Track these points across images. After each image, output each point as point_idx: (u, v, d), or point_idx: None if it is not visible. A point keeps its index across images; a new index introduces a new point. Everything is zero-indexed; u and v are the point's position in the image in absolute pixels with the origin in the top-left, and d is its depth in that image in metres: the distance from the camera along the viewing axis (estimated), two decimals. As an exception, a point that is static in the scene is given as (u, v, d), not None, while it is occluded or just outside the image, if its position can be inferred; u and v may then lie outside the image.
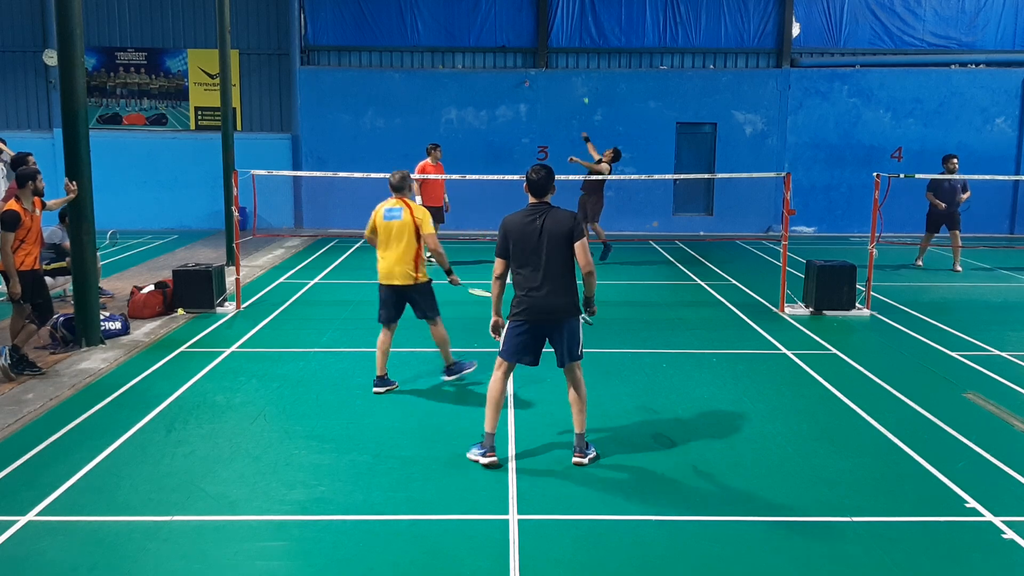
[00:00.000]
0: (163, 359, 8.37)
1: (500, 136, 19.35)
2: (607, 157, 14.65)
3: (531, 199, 5.85)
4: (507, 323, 5.83)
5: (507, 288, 5.94)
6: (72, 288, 9.31)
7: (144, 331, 9.49)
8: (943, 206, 13.68)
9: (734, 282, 12.84)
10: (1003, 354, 8.66)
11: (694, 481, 5.55)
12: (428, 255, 7.55)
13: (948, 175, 13.45)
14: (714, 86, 19.33)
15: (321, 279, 13.10)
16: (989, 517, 5.02)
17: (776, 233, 17.97)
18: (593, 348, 6.36)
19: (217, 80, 18.39)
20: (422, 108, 19.25)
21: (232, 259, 13.03)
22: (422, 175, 13.42)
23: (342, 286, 12.59)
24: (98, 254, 9.81)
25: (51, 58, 18.75)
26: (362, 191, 15.52)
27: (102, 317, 9.08)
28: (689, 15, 19.44)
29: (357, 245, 16.82)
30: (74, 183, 8.53)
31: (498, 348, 5.88)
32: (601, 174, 14.18)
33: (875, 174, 10.79)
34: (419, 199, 13.71)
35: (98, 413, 6.81)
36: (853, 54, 19.66)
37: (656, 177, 15.19)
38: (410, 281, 7.12)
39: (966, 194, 13.87)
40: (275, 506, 5.14)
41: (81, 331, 8.75)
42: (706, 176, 16.32)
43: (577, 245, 5.64)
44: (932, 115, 19.31)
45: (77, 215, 8.75)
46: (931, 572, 4.45)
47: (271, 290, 12.08)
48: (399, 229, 7.05)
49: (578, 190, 14.73)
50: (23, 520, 4.93)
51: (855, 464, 5.85)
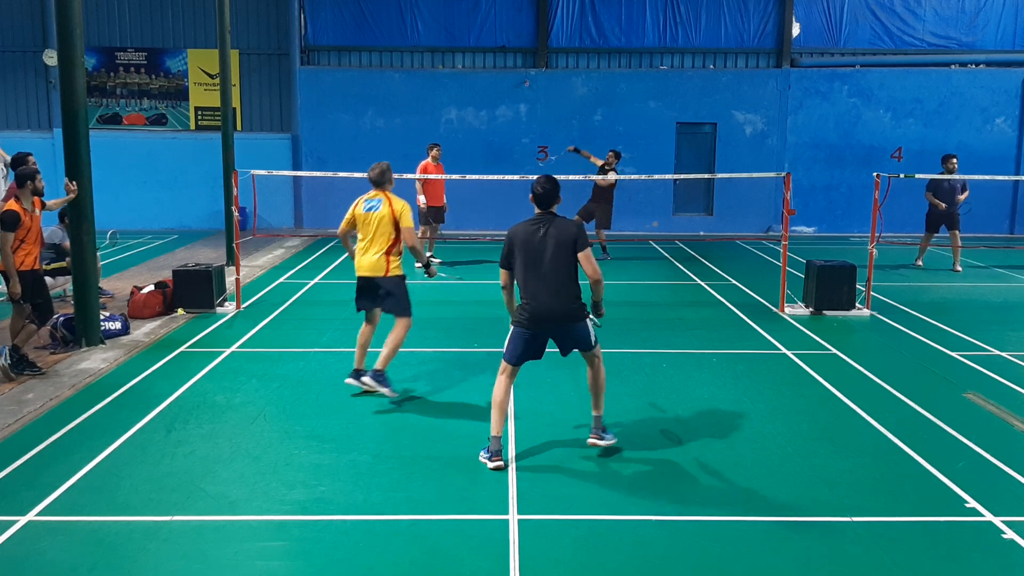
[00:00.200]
0: (163, 359, 8.37)
1: (500, 136, 19.35)
2: (611, 162, 14.72)
3: (537, 210, 5.90)
4: (511, 328, 5.86)
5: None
6: (72, 288, 9.31)
7: (144, 331, 9.49)
8: (943, 206, 13.69)
9: (734, 282, 12.84)
10: (1003, 354, 8.66)
11: (694, 481, 5.55)
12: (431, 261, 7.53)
13: (947, 175, 13.46)
14: (714, 86, 19.33)
15: (321, 279, 13.10)
16: (989, 517, 5.02)
17: (776, 233, 17.97)
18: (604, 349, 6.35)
19: (217, 80, 18.39)
20: (422, 108, 19.25)
21: (232, 259, 13.03)
22: (423, 175, 13.41)
23: (342, 286, 12.56)
24: (98, 254, 9.81)
25: (51, 58, 18.75)
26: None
27: (102, 317, 9.08)
28: (689, 15, 19.44)
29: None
30: (74, 183, 8.53)
31: (498, 349, 5.88)
32: (608, 182, 14.32)
33: (875, 174, 10.79)
34: (422, 198, 13.71)
35: (98, 413, 6.81)
36: (853, 54, 19.66)
37: (656, 177, 15.19)
38: (380, 272, 7.02)
39: (965, 194, 13.88)
40: (275, 506, 5.14)
41: (81, 331, 8.75)
42: (706, 176, 16.32)
43: (581, 255, 5.69)
44: (932, 115, 19.31)
45: (77, 215, 8.75)
46: (931, 572, 4.45)
47: (271, 290, 12.08)
48: (377, 220, 6.97)
49: (579, 191, 14.76)
50: (23, 520, 4.93)
51: (855, 464, 5.85)
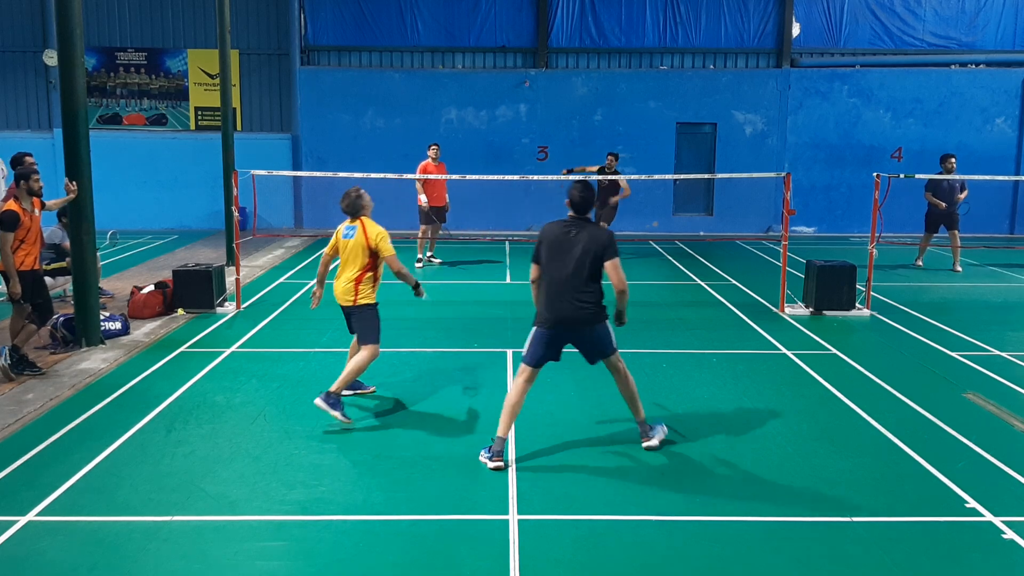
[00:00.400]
0: (163, 359, 8.37)
1: (500, 136, 19.35)
2: (610, 164, 14.77)
3: (571, 213, 5.92)
4: (533, 329, 5.89)
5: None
6: (72, 288, 9.31)
7: (144, 331, 9.49)
8: (943, 205, 13.69)
9: (734, 282, 12.84)
10: (1003, 354, 8.66)
11: (694, 481, 5.55)
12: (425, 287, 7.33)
13: (946, 175, 13.46)
14: (714, 86, 19.33)
15: (321, 279, 13.08)
16: (989, 517, 5.03)
17: (776, 233, 17.97)
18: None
19: (217, 80, 18.40)
20: (422, 108, 19.25)
21: (232, 259, 13.03)
22: (423, 175, 13.41)
23: (342, 286, 12.57)
24: (98, 254, 9.81)
25: (51, 58, 18.75)
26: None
27: (102, 317, 9.08)
28: (689, 15, 19.44)
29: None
30: (74, 183, 8.52)
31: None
32: (622, 190, 14.52)
33: (875, 174, 10.79)
34: (423, 198, 13.71)
35: (98, 413, 6.81)
36: (853, 54, 19.66)
37: (656, 177, 15.18)
38: (349, 301, 6.69)
39: (963, 193, 13.87)
40: (275, 506, 5.14)
41: (81, 331, 8.75)
42: (706, 176, 16.31)
43: (608, 264, 5.74)
44: (932, 115, 19.31)
45: (77, 215, 8.75)
46: (931, 572, 4.45)
47: (271, 290, 12.08)
48: (351, 248, 6.67)
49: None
50: (23, 520, 4.93)
51: (855, 464, 5.85)
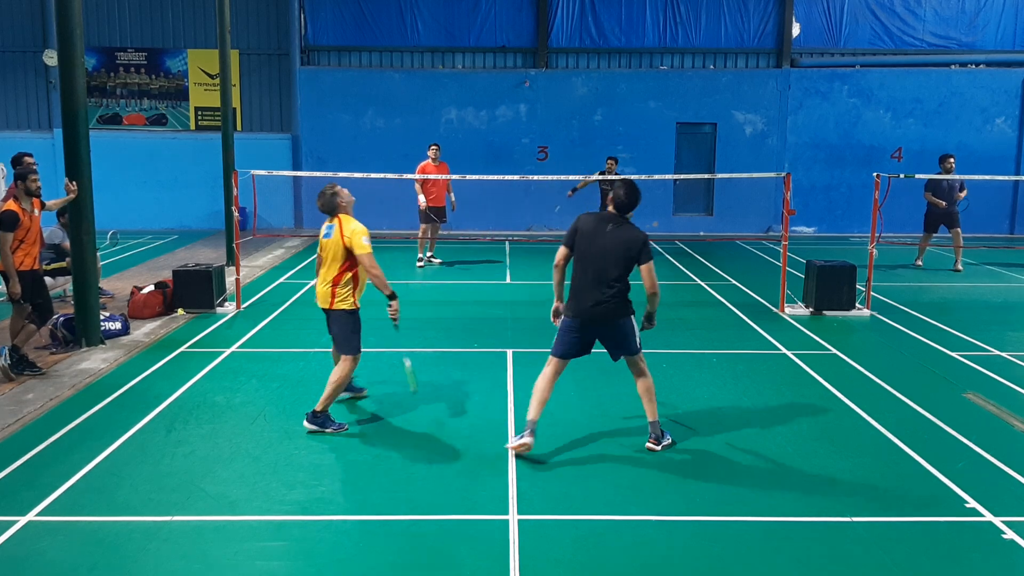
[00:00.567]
0: (163, 359, 8.37)
1: (500, 136, 19.35)
2: (611, 168, 14.82)
3: (611, 209, 5.94)
4: (561, 319, 5.99)
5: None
6: (72, 288, 9.31)
7: (144, 331, 9.49)
8: (943, 204, 13.68)
9: (734, 282, 12.84)
10: (1003, 354, 8.66)
11: (694, 481, 5.55)
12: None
13: (945, 175, 13.45)
14: (714, 86, 19.32)
15: (321, 279, 13.08)
16: (989, 517, 5.03)
17: (776, 233, 17.97)
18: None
19: (217, 80, 18.39)
20: (422, 108, 19.25)
21: (232, 259, 13.03)
22: (421, 175, 13.41)
23: (342, 286, 12.58)
24: (98, 254, 9.81)
25: (51, 58, 18.75)
26: (362, 191, 15.50)
27: (102, 317, 9.08)
28: (689, 15, 19.44)
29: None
30: (74, 183, 8.52)
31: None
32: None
33: (875, 174, 10.79)
34: (422, 198, 13.71)
35: (98, 413, 6.81)
36: (853, 54, 19.66)
37: (656, 177, 15.17)
38: (326, 304, 6.40)
39: (963, 192, 13.85)
40: (275, 506, 5.14)
41: (81, 331, 8.75)
42: (706, 176, 16.31)
43: (644, 268, 5.79)
44: (932, 115, 19.31)
45: (77, 215, 8.75)
46: (931, 572, 4.45)
47: (271, 290, 12.08)
48: (329, 247, 6.37)
49: (584, 193, 14.79)
50: (23, 520, 4.93)
51: (855, 464, 5.85)
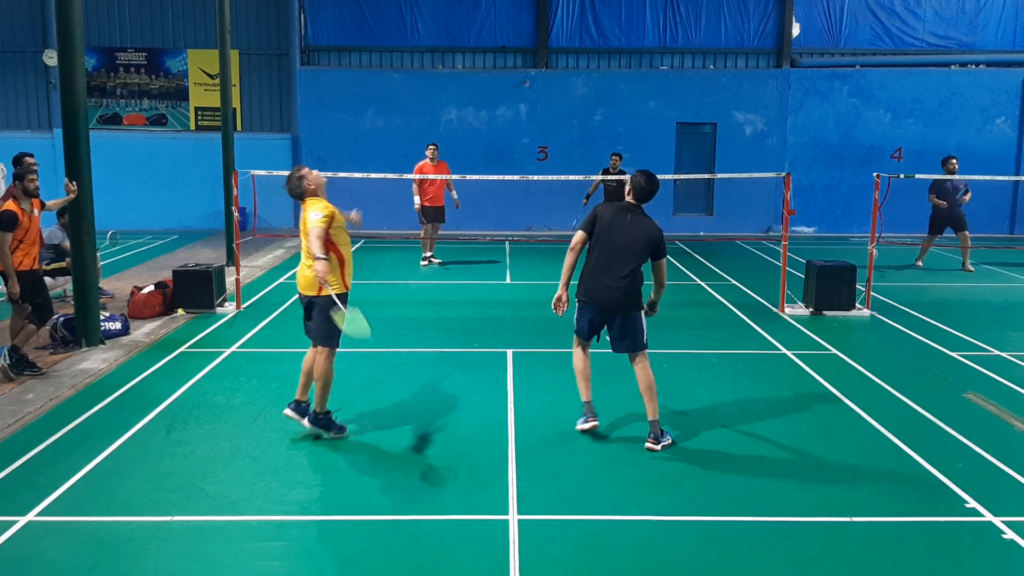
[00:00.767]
0: (163, 359, 8.37)
1: (500, 136, 19.36)
2: (615, 164, 14.87)
3: (629, 199, 6.11)
4: (576, 303, 6.21)
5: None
6: (72, 288, 9.31)
7: (144, 331, 9.49)
8: (945, 204, 13.68)
9: (734, 282, 12.84)
10: (1003, 354, 8.66)
11: (694, 481, 5.55)
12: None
13: (948, 176, 13.44)
14: (714, 86, 19.33)
15: (321, 279, 13.08)
16: (989, 517, 5.03)
17: (776, 233, 17.97)
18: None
19: (217, 80, 18.40)
20: (422, 108, 19.25)
21: (232, 259, 13.03)
22: (420, 175, 13.43)
23: (342, 286, 12.58)
24: (98, 254, 9.81)
25: (51, 58, 18.75)
26: (362, 191, 15.53)
27: (102, 317, 9.08)
28: (689, 15, 19.44)
29: (357, 245, 16.83)
30: (74, 183, 8.52)
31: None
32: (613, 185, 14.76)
33: (875, 174, 10.79)
34: (417, 199, 13.73)
35: (98, 413, 6.81)
36: (853, 54, 19.66)
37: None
38: (314, 291, 6.15)
39: (967, 195, 13.83)
40: (275, 506, 5.14)
41: (81, 331, 8.75)
42: (706, 176, 16.32)
43: (661, 262, 6.04)
44: (932, 115, 19.31)
45: (77, 215, 8.75)
46: (931, 572, 4.45)
47: (271, 290, 12.08)
48: (304, 231, 6.23)
49: (579, 191, 14.81)
50: (23, 520, 4.92)
51: (855, 464, 5.85)
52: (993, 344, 9.03)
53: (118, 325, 9.25)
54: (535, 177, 13.97)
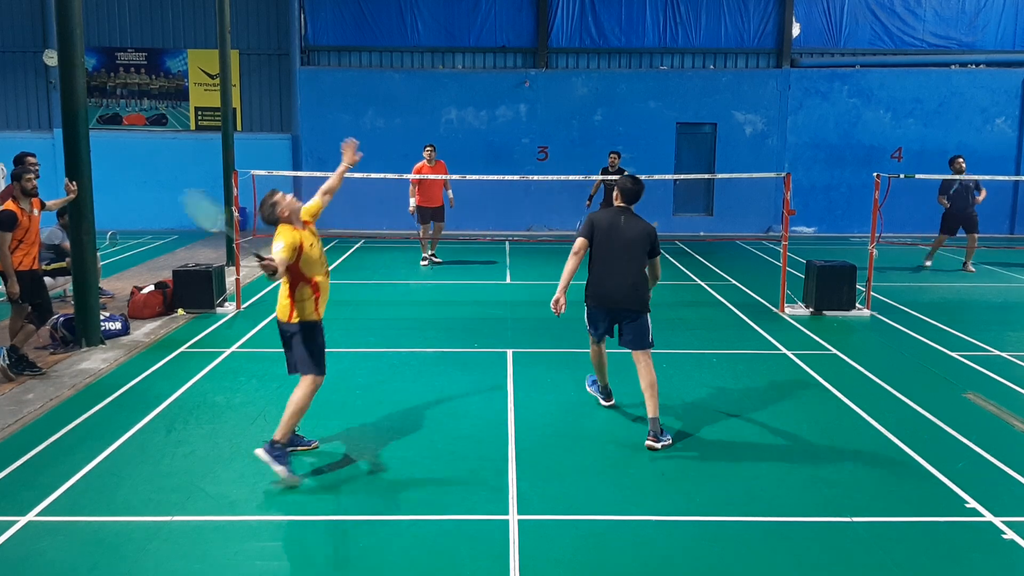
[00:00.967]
0: (163, 359, 8.37)
1: (500, 136, 19.35)
2: (613, 163, 14.87)
3: (617, 203, 6.36)
4: (585, 309, 6.48)
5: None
6: (72, 288, 9.30)
7: (144, 331, 9.49)
8: (947, 204, 13.63)
9: (734, 282, 12.84)
10: (1003, 354, 8.66)
11: (694, 481, 5.55)
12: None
13: (956, 176, 13.35)
14: (714, 86, 19.33)
15: (321, 279, 13.08)
16: (989, 517, 5.03)
17: (776, 233, 17.97)
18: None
19: (217, 80, 18.40)
20: (422, 108, 19.25)
21: (232, 259, 13.03)
22: (418, 175, 13.43)
23: (342, 286, 12.56)
24: (98, 254, 9.81)
25: (51, 58, 18.75)
26: (362, 191, 15.54)
27: (102, 317, 9.08)
28: (689, 15, 19.44)
29: (357, 245, 16.83)
30: (74, 183, 8.52)
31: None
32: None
33: (875, 174, 10.79)
34: (413, 201, 13.75)
35: (98, 413, 6.81)
36: (853, 54, 19.66)
37: (656, 177, 15.14)
38: (284, 317, 5.68)
39: (982, 193, 13.70)
40: (275, 506, 5.14)
41: (81, 331, 8.75)
42: (706, 176, 16.31)
43: (656, 259, 6.30)
44: (932, 115, 19.31)
45: (77, 215, 8.75)
46: (931, 572, 4.45)
47: (271, 290, 12.07)
48: None
49: (584, 193, 14.82)
50: (23, 520, 4.93)
51: (855, 464, 5.85)
52: (993, 344, 9.03)
53: (118, 325, 9.25)
54: (535, 177, 13.96)
